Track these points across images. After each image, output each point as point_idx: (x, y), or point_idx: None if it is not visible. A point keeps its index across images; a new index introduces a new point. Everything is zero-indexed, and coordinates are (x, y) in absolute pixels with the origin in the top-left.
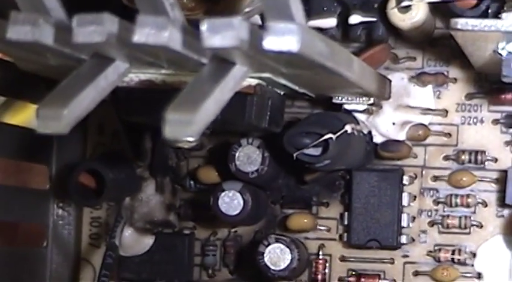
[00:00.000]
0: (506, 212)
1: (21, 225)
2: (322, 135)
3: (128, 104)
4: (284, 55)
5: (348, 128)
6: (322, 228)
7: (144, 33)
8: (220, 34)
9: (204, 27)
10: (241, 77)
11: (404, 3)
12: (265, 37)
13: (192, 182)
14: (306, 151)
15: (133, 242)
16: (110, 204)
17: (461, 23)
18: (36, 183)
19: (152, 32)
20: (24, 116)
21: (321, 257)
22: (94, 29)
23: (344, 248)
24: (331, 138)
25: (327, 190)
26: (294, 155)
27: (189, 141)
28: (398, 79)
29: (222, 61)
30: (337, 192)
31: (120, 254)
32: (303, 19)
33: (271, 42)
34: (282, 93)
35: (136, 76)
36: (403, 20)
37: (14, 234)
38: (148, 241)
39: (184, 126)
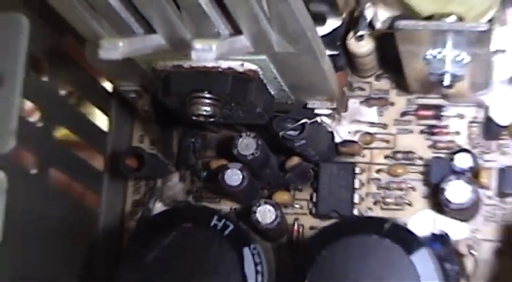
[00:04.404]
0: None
1: (77, 185)
2: (301, 119)
3: (166, 85)
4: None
5: (319, 118)
6: (296, 206)
7: None
8: None
9: None
10: (244, 46)
11: (359, 33)
12: None
13: (204, 174)
14: (289, 132)
15: None
16: (146, 191)
17: (402, 23)
18: (93, 164)
19: None
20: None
21: (295, 226)
22: None
23: (313, 218)
24: (306, 122)
25: (301, 179)
26: (280, 134)
27: (206, 112)
28: (353, 103)
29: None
30: (308, 181)
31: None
32: None
33: None
34: (272, 93)
35: (171, 62)
36: (358, 47)
37: (72, 188)
38: None
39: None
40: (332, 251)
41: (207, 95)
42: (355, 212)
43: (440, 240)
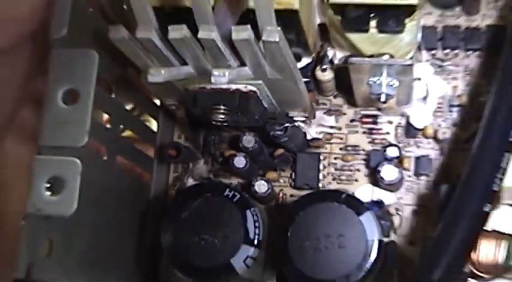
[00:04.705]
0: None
1: (136, 167)
2: (284, 124)
3: (194, 100)
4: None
5: (296, 123)
6: (281, 181)
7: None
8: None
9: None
10: (247, 74)
11: (323, 67)
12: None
13: (221, 160)
14: (277, 132)
15: None
16: (182, 171)
17: (353, 59)
18: (147, 153)
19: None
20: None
21: (280, 195)
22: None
23: (292, 189)
24: (288, 125)
25: (284, 163)
26: (271, 133)
27: (221, 119)
28: (318, 113)
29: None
30: (289, 164)
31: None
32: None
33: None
34: (265, 106)
35: (198, 85)
36: (323, 76)
37: (133, 169)
38: None
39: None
40: (306, 213)
41: (222, 107)
42: (320, 185)
43: (377, 205)
